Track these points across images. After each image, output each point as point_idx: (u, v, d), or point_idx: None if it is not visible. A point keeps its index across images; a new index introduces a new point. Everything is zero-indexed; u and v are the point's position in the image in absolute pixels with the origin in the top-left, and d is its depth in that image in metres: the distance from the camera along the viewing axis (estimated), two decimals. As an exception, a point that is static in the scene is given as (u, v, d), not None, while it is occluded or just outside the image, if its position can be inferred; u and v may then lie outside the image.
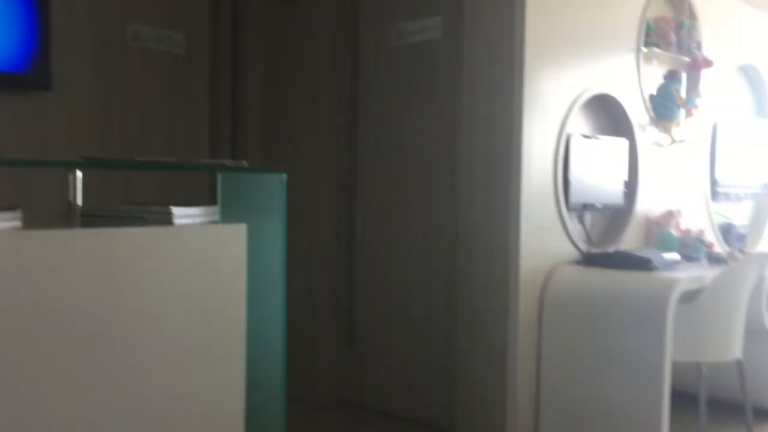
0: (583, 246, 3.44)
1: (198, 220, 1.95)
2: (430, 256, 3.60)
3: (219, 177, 2.12)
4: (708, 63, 4.05)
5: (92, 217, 1.87)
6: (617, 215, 3.78)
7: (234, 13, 4.18)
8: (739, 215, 4.75)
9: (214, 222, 2.02)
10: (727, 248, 4.19)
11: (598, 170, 3.53)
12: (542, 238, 3.25)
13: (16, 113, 3.28)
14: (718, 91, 4.35)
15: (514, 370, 3.15)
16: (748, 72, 4.74)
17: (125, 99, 3.71)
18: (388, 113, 3.80)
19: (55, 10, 3.32)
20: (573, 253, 3.39)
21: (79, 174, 1.82)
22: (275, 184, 2.13)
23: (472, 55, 3.30)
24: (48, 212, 2.01)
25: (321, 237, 4.01)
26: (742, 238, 4.51)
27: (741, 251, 3.99)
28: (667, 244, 3.67)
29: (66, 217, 1.83)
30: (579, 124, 3.51)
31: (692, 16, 4.05)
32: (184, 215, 1.91)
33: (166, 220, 1.87)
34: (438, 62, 3.56)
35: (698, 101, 4.05)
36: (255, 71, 4.25)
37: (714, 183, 4.37)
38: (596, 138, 3.54)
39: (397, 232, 3.75)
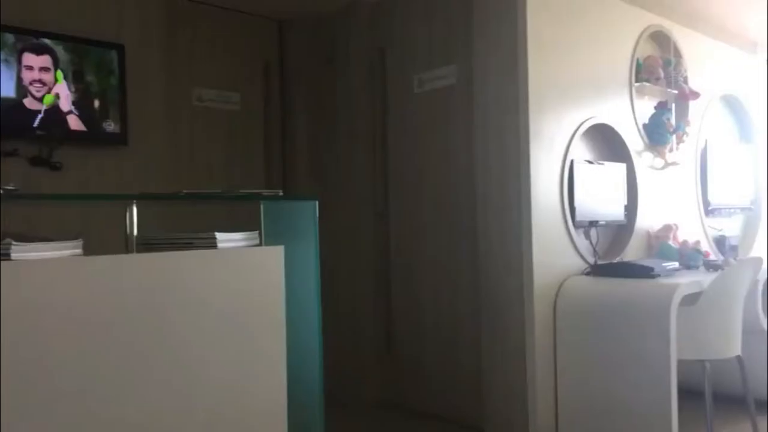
0: (590, 259, 3.24)
1: (240, 243, 1.85)
2: (455, 275, 3.43)
3: (261, 205, 2.02)
4: (695, 94, 3.84)
5: (147, 244, 1.78)
6: (620, 230, 3.57)
7: (282, 71, 4.15)
8: (731, 228, 4.47)
9: (255, 245, 1.92)
10: (722, 257, 3.92)
11: (601, 191, 3.35)
12: (553, 253, 3.07)
13: (100, 164, 3.25)
14: (705, 118, 4.13)
15: (533, 373, 2.97)
16: (730, 101, 4.49)
17: (190, 150, 3.68)
18: (413, 151, 3.67)
19: (129, 79, 3.31)
20: (582, 265, 3.21)
21: (134, 207, 1.74)
22: (308, 210, 2.02)
23: (483, 97, 3.17)
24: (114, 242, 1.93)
25: (361, 259, 3.89)
26: (734, 248, 4.23)
27: (734, 258, 3.72)
28: (666, 255, 3.45)
29: (125, 244, 1.75)
30: (581, 152, 3.35)
31: (677, 54, 3.85)
32: (227, 240, 1.80)
33: (211, 244, 1.77)
34: (454, 105, 3.43)
35: (687, 128, 3.84)
36: (300, 122, 4.19)
37: (706, 200, 4.12)
38: (599, 163, 3.38)
39: (425, 254, 3.59)
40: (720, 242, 4.15)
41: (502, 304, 3.06)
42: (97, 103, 3.16)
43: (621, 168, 3.49)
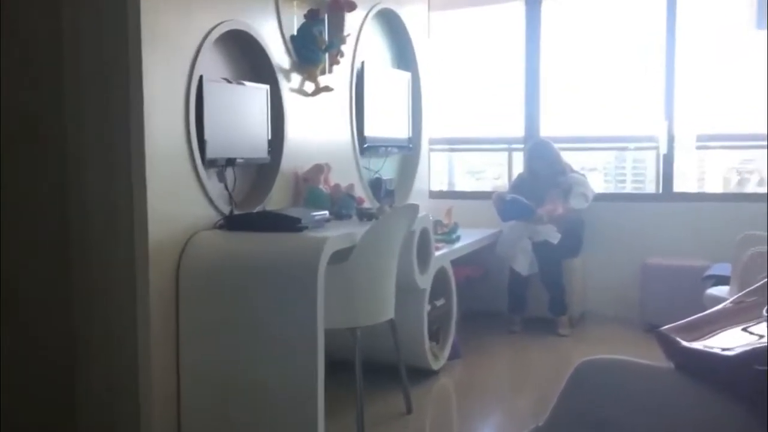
0: (225, 208, 3.10)
1: None
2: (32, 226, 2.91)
3: None
4: (351, 5, 3.86)
5: None
6: (263, 171, 3.45)
7: None
8: (388, 170, 4.84)
9: None
10: (377, 204, 4.21)
11: (239, 120, 3.18)
12: (175, 201, 2.83)
13: None
14: (362, 36, 4.21)
15: (146, 357, 2.71)
16: (389, 17, 4.72)
17: None
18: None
19: None
20: (214, 216, 3.05)
21: None
22: None
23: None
24: None
25: None
26: (391, 194, 4.56)
27: (390, 206, 4.01)
28: (316, 202, 3.45)
29: None
30: (215, 68, 3.07)
31: (331, -50, 3.82)
32: None
33: None
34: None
35: (343, 47, 3.93)
36: None
37: (362, 136, 4.30)
38: (238, 83, 3.16)
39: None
40: (376, 186, 4.44)
41: (102, 273, 2.76)
42: None
43: (264, 90, 3.34)
